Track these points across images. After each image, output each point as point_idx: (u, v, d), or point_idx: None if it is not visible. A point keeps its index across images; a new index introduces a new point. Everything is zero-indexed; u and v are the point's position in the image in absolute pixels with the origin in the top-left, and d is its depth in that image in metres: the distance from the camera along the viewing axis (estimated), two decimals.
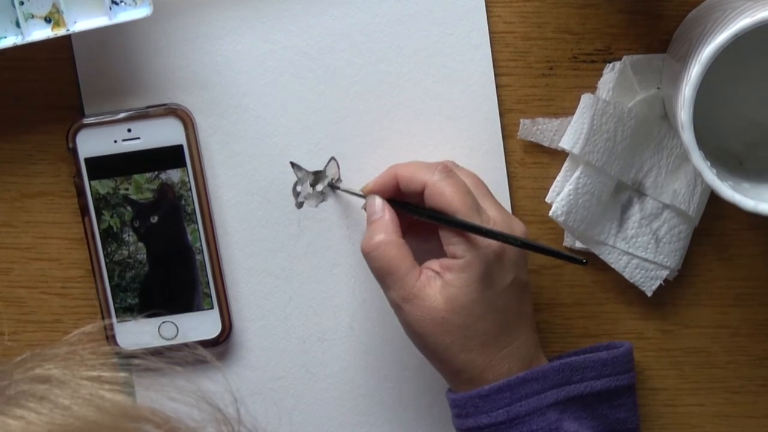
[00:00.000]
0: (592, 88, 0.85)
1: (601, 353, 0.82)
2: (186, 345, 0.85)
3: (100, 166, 0.84)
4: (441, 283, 0.78)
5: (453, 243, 0.78)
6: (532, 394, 0.79)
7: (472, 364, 0.79)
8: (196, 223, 0.85)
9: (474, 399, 0.79)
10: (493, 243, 0.78)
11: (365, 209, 0.83)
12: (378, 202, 0.81)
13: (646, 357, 0.88)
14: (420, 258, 0.80)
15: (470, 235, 0.78)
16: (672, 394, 0.89)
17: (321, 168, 0.86)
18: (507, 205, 0.86)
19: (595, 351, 0.85)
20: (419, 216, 0.80)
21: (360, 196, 0.83)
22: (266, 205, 0.86)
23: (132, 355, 0.86)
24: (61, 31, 0.80)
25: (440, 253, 0.80)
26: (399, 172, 0.81)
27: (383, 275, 0.79)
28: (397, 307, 0.79)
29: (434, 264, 0.79)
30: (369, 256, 0.79)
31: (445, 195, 0.78)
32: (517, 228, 0.80)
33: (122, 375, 0.61)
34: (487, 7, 0.84)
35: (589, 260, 0.79)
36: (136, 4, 0.80)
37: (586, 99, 0.84)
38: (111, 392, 0.59)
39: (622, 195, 0.86)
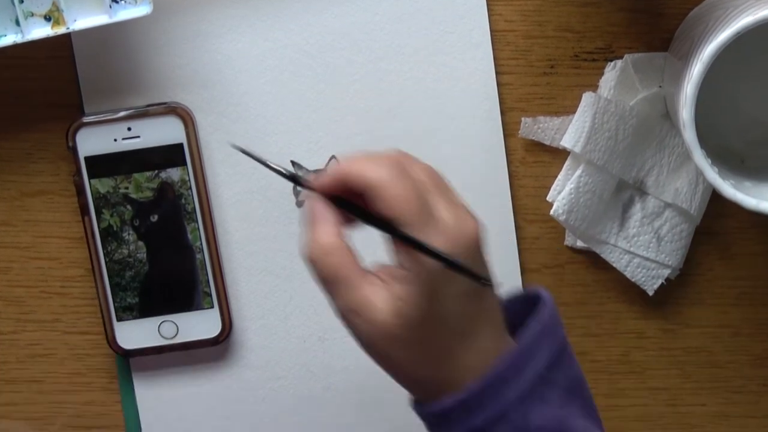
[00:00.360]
0: (594, 87, 0.85)
1: (542, 317, 0.73)
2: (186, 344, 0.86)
3: (100, 165, 0.84)
4: (388, 295, 0.70)
5: (399, 252, 0.70)
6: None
7: (431, 378, 0.72)
8: (196, 221, 0.85)
9: (438, 417, 0.73)
10: (445, 248, 0.69)
11: (299, 206, 0.78)
12: (319, 203, 0.71)
13: (647, 356, 0.88)
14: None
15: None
16: (673, 393, 0.89)
17: (321, 167, 0.86)
18: (508, 204, 0.86)
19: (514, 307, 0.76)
20: (363, 221, 0.72)
21: (272, 169, 0.72)
22: (266, 203, 0.86)
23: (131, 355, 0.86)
24: (60, 30, 0.80)
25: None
26: (346, 171, 0.71)
27: (327, 282, 0.71)
28: (345, 319, 0.72)
29: (381, 271, 0.71)
30: (313, 262, 0.71)
31: (389, 200, 0.69)
32: (468, 230, 0.71)
33: None
34: (488, 5, 0.84)
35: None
36: (136, 2, 0.80)
37: (587, 97, 0.84)
38: None
39: (624, 194, 0.86)
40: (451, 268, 0.69)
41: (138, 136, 0.84)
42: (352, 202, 0.71)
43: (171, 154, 0.84)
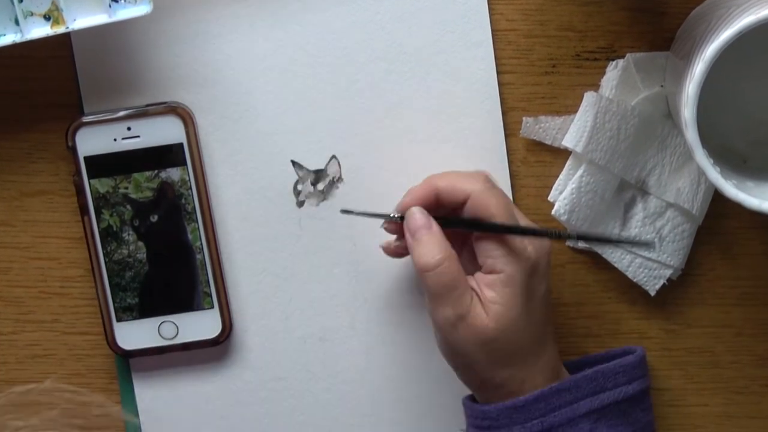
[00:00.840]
0: (595, 86, 0.85)
1: (629, 357, 0.82)
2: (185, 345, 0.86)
3: (100, 165, 0.84)
4: (485, 302, 0.77)
5: (492, 256, 0.77)
6: (566, 404, 0.79)
7: (513, 378, 0.78)
8: (197, 222, 0.85)
9: (509, 410, 0.78)
10: (531, 254, 0.77)
11: (386, 228, 0.82)
12: (422, 214, 0.79)
13: (649, 357, 0.88)
14: None
15: (509, 248, 0.77)
16: (676, 394, 0.89)
17: (322, 167, 0.86)
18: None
19: (612, 356, 0.84)
20: (464, 228, 0.79)
21: (385, 217, 0.81)
22: (267, 204, 0.86)
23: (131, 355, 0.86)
24: (60, 29, 0.80)
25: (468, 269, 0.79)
26: (438, 184, 0.79)
27: (443, 293, 0.77)
28: (451, 326, 0.77)
29: (472, 281, 0.78)
30: (431, 273, 0.77)
31: (490, 206, 0.77)
32: (546, 244, 0.80)
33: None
34: (489, 4, 0.84)
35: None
36: (135, 1, 0.80)
37: (589, 97, 0.84)
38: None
39: (626, 194, 0.86)
40: (582, 239, 0.81)
41: (138, 136, 0.84)
42: (445, 217, 0.79)
43: (171, 154, 0.84)
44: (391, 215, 0.81)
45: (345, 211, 0.82)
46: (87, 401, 0.63)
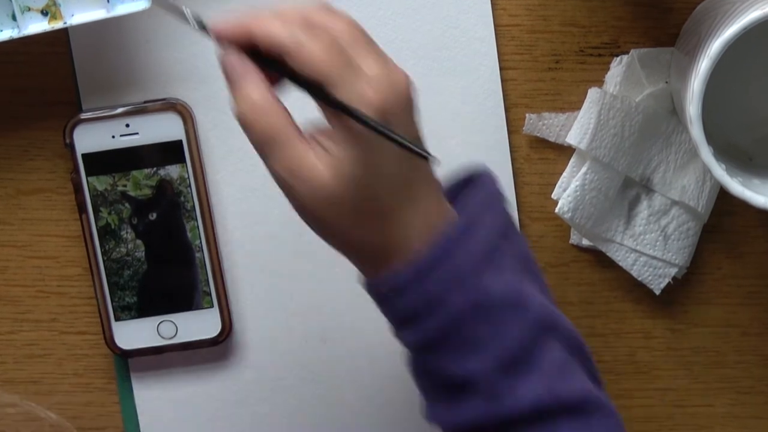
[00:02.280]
0: (599, 83, 0.86)
1: (486, 187, 0.73)
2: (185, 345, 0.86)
3: (98, 162, 0.84)
4: (323, 154, 0.68)
5: (329, 115, 0.68)
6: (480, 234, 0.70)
7: (372, 235, 0.70)
8: (196, 220, 0.85)
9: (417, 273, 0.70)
10: (372, 98, 0.67)
11: (222, 62, 0.70)
12: (237, 57, 0.69)
13: (654, 356, 0.89)
14: None
15: (346, 95, 0.67)
16: (681, 394, 0.89)
17: None
18: (513, 201, 0.86)
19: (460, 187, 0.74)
20: (287, 79, 0.69)
21: (203, 34, 0.72)
22: (267, 201, 0.86)
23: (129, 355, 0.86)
24: (58, 25, 0.80)
25: None
26: (253, 30, 0.69)
27: (264, 144, 0.69)
28: (282, 182, 0.70)
29: (316, 132, 0.69)
30: (246, 122, 0.68)
31: (304, 59, 0.67)
32: (398, 81, 0.69)
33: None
34: None
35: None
36: None
37: (593, 93, 0.84)
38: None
39: (630, 191, 0.86)
40: (381, 135, 0.67)
41: (136, 133, 0.84)
42: (270, 58, 0.68)
43: (170, 151, 0.84)
44: (195, 27, 0.72)
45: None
46: (42, 417, 0.62)
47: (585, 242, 0.87)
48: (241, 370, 0.88)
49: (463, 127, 0.86)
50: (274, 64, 0.68)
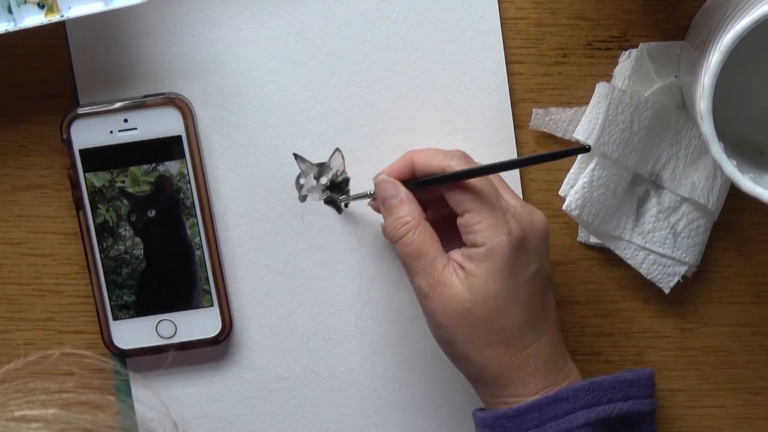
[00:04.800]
0: (608, 77, 0.86)
1: (626, 373, 0.82)
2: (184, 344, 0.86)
3: (96, 158, 0.84)
4: (464, 274, 0.78)
5: (473, 231, 0.78)
6: (562, 414, 0.79)
7: (498, 360, 0.79)
8: (196, 217, 0.85)
9: (501, 419, 0.79)
10: (514, 229, 0.78)
11: (372, 204, 0.84)
12: (389, 183, 0.81)
13: (663, 356, 0.89)
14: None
15: (491, 222, 0.77)
16: (690, 395, 0.90)
17: (325, 159, 0.86)
18: (519, 197, 0.86)
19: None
20: (434, 184, 0.80)
21: (370, 197, 0.84)
22: (268, 198, 0.87)
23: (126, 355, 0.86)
24: (55, 18, 0.80)
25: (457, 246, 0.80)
26: (415, 158, 0.81)
27: (412, 260, 0.79)
28: (424, 296, 0.79)
29: (455, 254, 0.79)
30: (399, 241, 0.79)
31: (464, 185, 0.78)
32: (538, 218, 0.80)
33: (51, 412, 0.61)
34: None
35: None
36: None
37: (601, 88, 0.85)
38: (39, 431, 0.60)
39: (639, 188, 0.86)
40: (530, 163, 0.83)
41: (135, 128, 0.84)
42: (425, 177, 0.80)
43: (169, 147, 0.84)
44: (368, 192, 0.83)
45: (328, 201, 0.85)
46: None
47: (593, 240, 0.87)
48: (242, 371, 0.88)
49: (469, 122, 0.86)
50: (423, 180, 0.81)
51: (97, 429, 0.63)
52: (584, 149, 0.78)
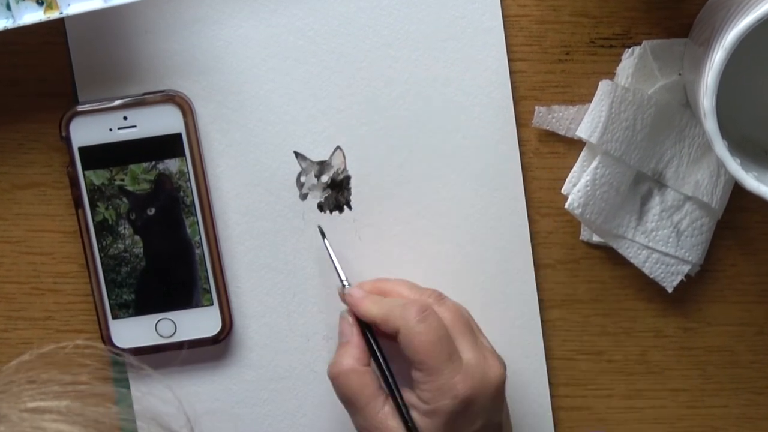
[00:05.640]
0: (611, 75, 0.86)
1: None
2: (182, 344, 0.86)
3: (95, 156, 0.84)
4: (397, 414, 0.80)
5: (421, 389, 0.79)
6: None
7: None
8: (195, 215, 0.85)
9: None
10: (459, 392, 0.78)
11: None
12: (349, 325, 0.83)
13: (666, 356, 0.89)
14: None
15: (437, 383, 0.79)
16: (694, 395, 0.90)
17: (326, 158, 0.86)
18: (521, 197, 0.86)
19: None
20: (379, 364, 0.83)
21: (343, 285, 0.85)
22: (269, 196, 0.87)
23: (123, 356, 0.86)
24: (54, 14, 0.80)
25: None
26: (373, 313, 0.82)
27: (345, 402, 0.82)
28: None
29: (408, 394, 0.81)
30: (333, 382, 0.82)
31: (414, 345, 0.79)
32: (492, 373, 0.80)
33: (64, 404, 0.61)
34: None
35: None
36: None
37: (604, 86, 0.85)
38: (52, 422, 0.60)
39: (642, 186, 0.86)
40: None
41: (134, 126, 0.84)
42: (377, 342, 0.83)
43: (169, 145, 0.84)
44: (344, 284, 0.84)
45: (322, 233, 0.85)
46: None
47: (596, 238, 0.87)
48: (242, 370, 0.88)
49: (471, 121, 0.86)
50: (376, 350, 0.83)
51: (110, 421, 0.63)
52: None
